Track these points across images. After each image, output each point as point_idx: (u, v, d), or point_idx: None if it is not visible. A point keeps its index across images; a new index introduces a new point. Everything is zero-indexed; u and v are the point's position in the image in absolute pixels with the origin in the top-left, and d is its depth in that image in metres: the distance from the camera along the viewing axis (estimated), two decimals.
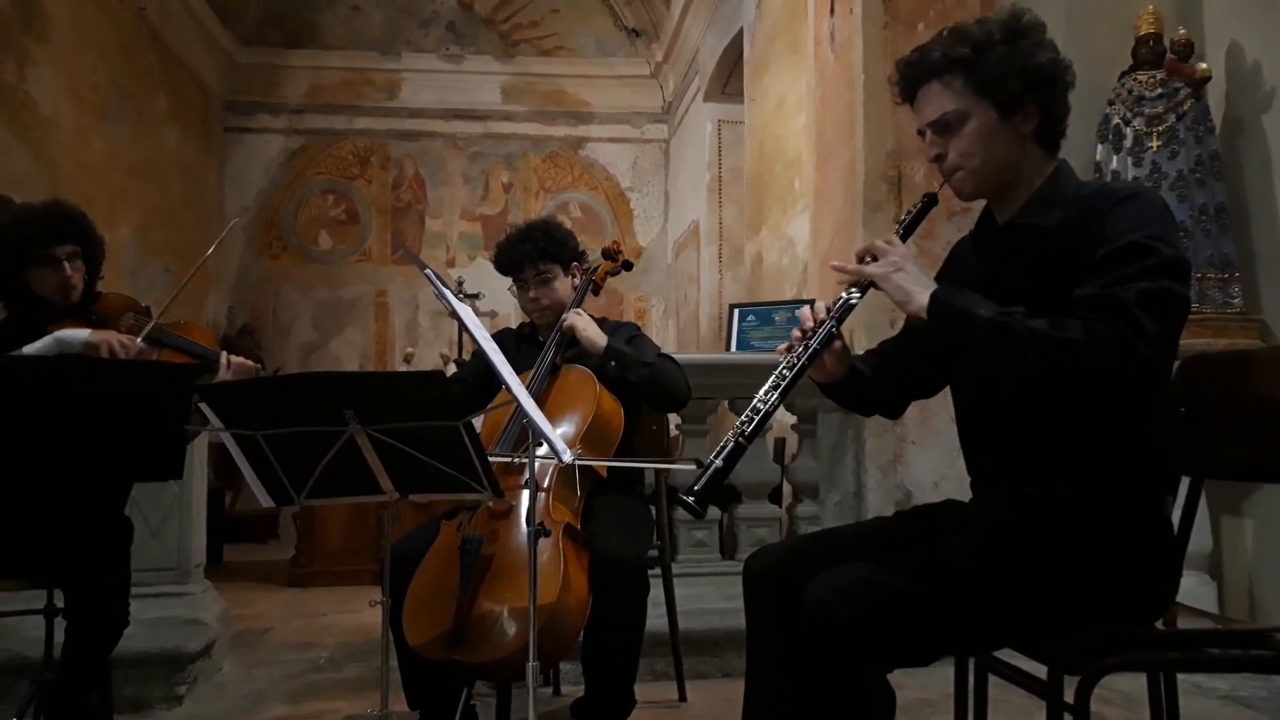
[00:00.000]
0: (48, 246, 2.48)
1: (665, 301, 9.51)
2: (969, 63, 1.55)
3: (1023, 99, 1.55)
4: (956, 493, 1.88)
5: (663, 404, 2.69)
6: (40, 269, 2.49)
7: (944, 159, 1.61)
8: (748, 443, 1.57)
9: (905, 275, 1.54)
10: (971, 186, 1.62)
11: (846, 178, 4.02)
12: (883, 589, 1.45)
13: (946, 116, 1.58)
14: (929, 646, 1.53)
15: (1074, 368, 1.37)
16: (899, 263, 1.55)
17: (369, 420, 1.80)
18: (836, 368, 1.73)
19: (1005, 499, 1.65)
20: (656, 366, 2.60)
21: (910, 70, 1.62)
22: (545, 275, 2.69)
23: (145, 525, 3.08)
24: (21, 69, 5.86)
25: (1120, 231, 1.44)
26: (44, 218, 2.51)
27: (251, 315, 9.21)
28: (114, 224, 6.78)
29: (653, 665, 3.10)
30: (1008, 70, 1.53)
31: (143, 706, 2.95)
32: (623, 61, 9.70)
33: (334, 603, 4.87)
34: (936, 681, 3.02)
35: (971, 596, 1.50)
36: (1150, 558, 1.54)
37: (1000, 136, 1.57)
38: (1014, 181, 1.61)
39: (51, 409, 1.84)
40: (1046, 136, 1.60)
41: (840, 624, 1.42)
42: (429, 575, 2.24)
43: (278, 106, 9.40)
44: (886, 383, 1.83)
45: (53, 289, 2.50)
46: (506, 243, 2.74)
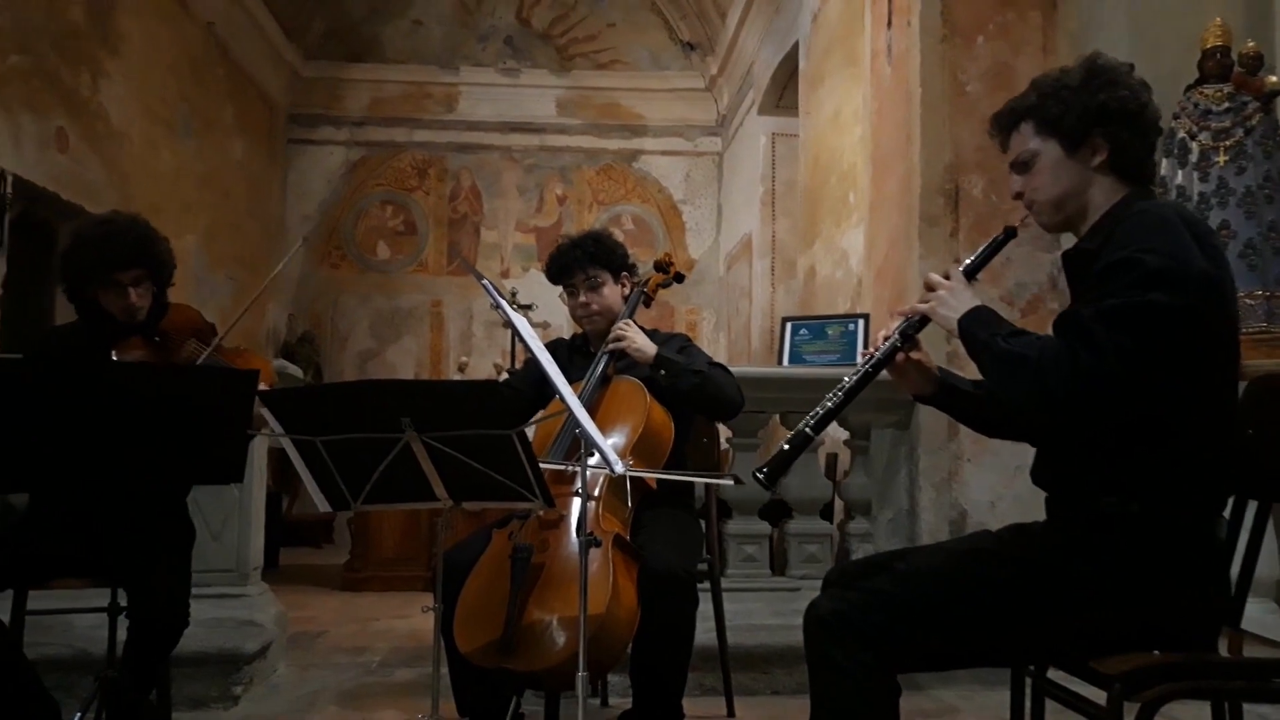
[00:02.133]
0: (112, 272, 2.47)
1: (717, 314, 9.49)
2: (1034, 108, 1.70)
3: (1087, 134, 1.65)
4: (1013, 513, 1.87)
5: (714, 412, 2.68)
6: (106, 293, 2.50)
7: (1023, 195, 1.74)
8: (814, 434, 1.74)
9: (948, 305, 1.67)
10: (1046, 217, 1.73)
11: (902, 191, 3.98)
12: (865, 592, 1.58)
13: (1021, 156, 1.72)
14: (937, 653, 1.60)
15: (1030, 382, 1.49)
16: (943, 296, 1.69)
17: (425, 428, 1.83)
18: (921, 382, 1.86)
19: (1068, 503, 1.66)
20: (707, 375, 2.59)
21: (996, 124, 1.78)
22: (595, 280, 2.71)
23: (206, 527, 3.15)
24: (95, 82, 6.06)
25: (1115, 248, 1.52)
26: (110, 241, 2.48)
27: (311, 323, 9.40)
28: (181, 233, 6.97)
29: (701, 680, 3.09)
30: (1068, 110, 1.66)
31: (200, 705, 3.01)
32: (677, 75, 9.73)
33: (387, 608, 4.93)
34: (992, 704, 2.98)
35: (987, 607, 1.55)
36: (1199, 578, 1.51)
37: (1067, 170, 1.68)
38: (1084, 211, 1.70)
39: (117, 412, 1.90)
40: (1119, 166, 1.67)
41: (813, 620, 1.59)
42: (480, 583, 2.26)
43: (340, 119, 9.60)
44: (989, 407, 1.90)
45: (118, 310, 2.52)
46: (557, 250, 2.77)
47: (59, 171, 5.62)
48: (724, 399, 2.59)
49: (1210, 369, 1.51)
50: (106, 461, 1.94)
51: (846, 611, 1.55)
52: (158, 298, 2.61)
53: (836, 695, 1.54)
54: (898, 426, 3.66)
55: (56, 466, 1.95)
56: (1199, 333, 1.47)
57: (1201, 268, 1.46)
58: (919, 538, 3.57)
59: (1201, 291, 1.45)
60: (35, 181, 5.36)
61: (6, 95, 5.15)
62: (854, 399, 1.76)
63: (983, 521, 3.43)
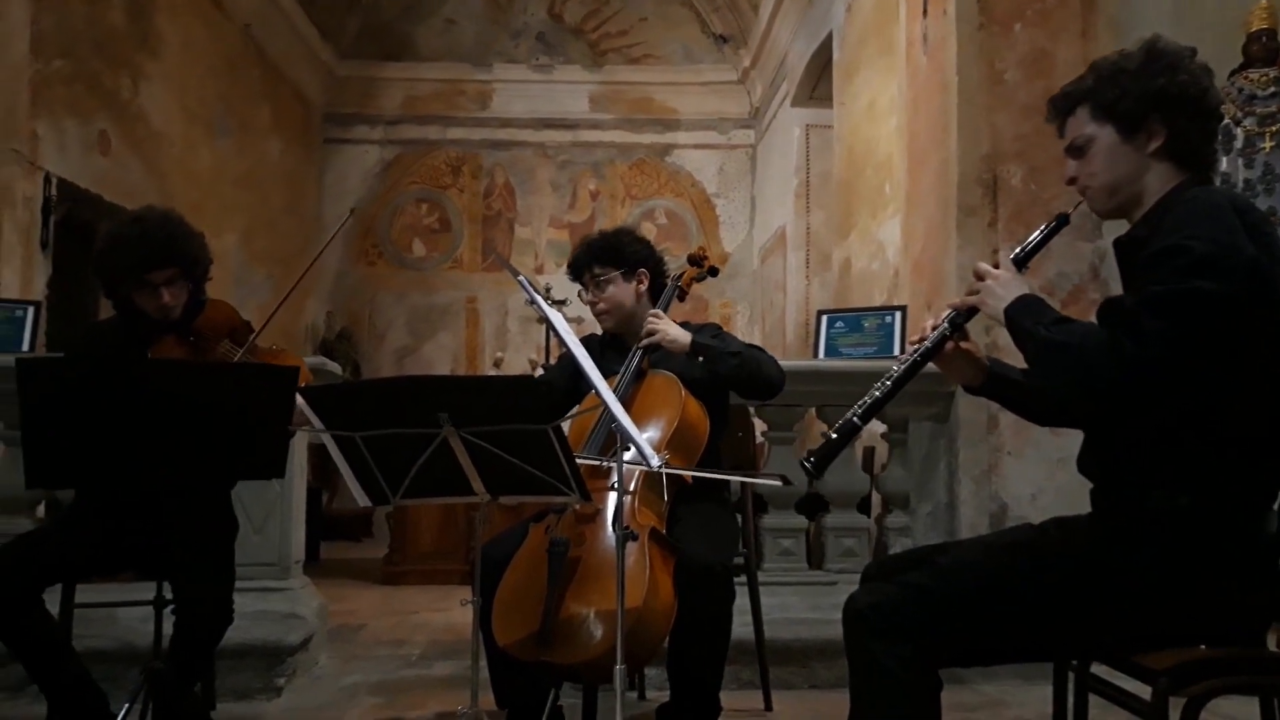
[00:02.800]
0: (144, 273, 2.46)
1: (751, 308, 9.46)
2: (1090, 92, 1.67)
3: (1144, 118, 1.63)
4: (1054, 506, 1.85)
5: (756, 391, 2.64)
6: (140, 293, 2.50)
7: (1076, 180, 1.72)
8: (862, 423, 1.75)
9: (995, 295, 1.65)
10: (1100, 202, 1.71)
11: (939, 181, 3.94)
12: (909, 589, 1.56)
13: (1076, 141, 1.70)
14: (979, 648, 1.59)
15: (1073, 369, 1.48)
16: (991, 285, 1.67)
17: (462, 423, 1.84)
18: (970, 371, 1.85)
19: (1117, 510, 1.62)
20: (745, 355, 2.58)
21: (1054, 108, 1.75)
22: (600, 279, 2.71)
23: (248, 522, 3.19)
24: (136, 84, 6.17)
25: (1163, 235, 1.50)
26: (141, 242, 2.46)
27: (348, 320, 9.50)
28: (220, 232, 7.07)
29: (738, 673, 3.09)
30: (1125, 94, 1.63)
31: (245, 696, 3.06)
32: (710, 68, 9.70)
33: (425, 601, 4.98)
34: (1033, 699, 2.95)
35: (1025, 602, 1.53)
36: (1248, 572, 1.49)
37: (1122, 155, 1.65)
38: (1138, 197, 1.68)
39: (162, 409, 1.93)
40: (1177, 153, 1.65)
41: (853, 614, 1.57)
42: (517, 577, 2.27)
43: (374, 118, 9.68)
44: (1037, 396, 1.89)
45: (152, 310, 2.52)
46: (573, 251, 2.83)
47: (101, 173, 5.72)
48: (765, 377, 2.58)
49: (1258, 358, 1.48)
50: (151, 458, 1.98)
51: (886, 605, 1.54)
52: (194, 294, 2.59)
53: (877, 690, 1.53)
54: (936, 419, 3.62)
55: (102, 463, 1.99)
56: (1245, 321, 1.43)
57: (1249, 255, 1.43)
58: (958, 531, 3.54)
59: (1248, 279, 1.42)
60: (79, 183, 5.47)
61: (50, 99, 5.25)
62: (902, 388, 1.75)
63: (1024, 515, 3.39)
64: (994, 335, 3.35)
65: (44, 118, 5.18)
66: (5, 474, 3.38)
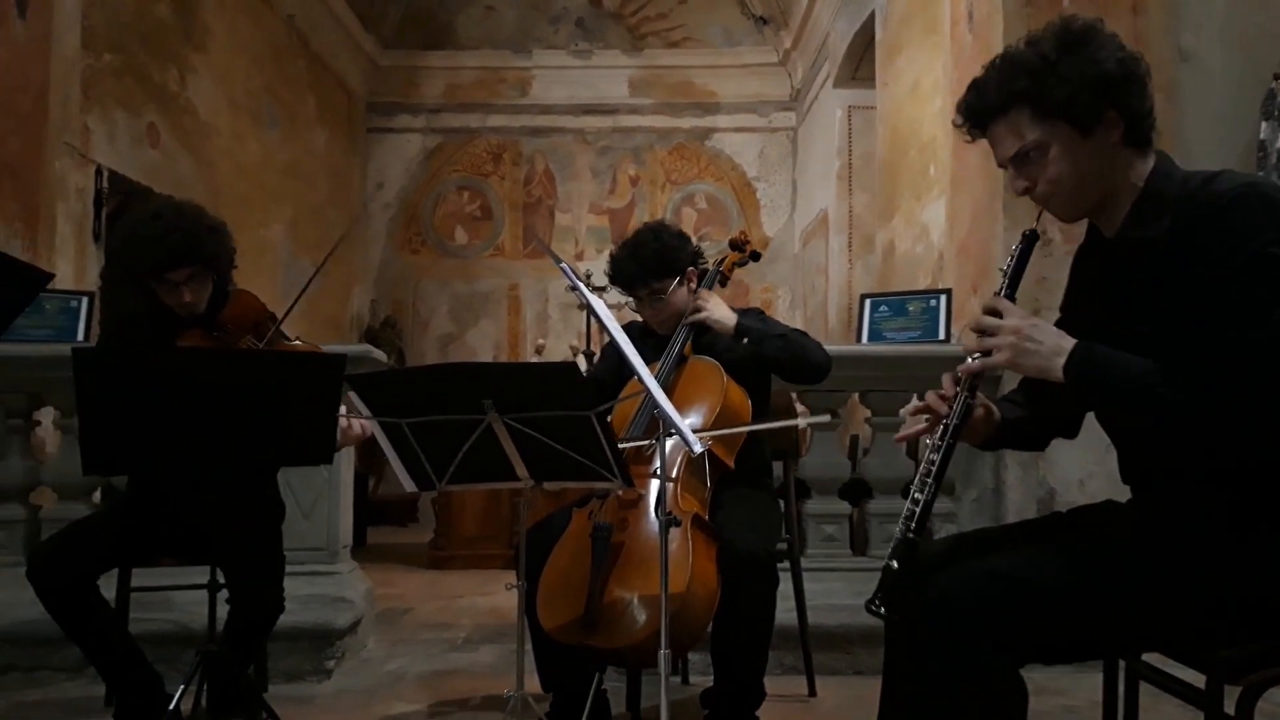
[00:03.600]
0: (163, 274, 2.45)
1: (792, 292, 9.40)
2: (1030, 94, 1.48)
3: (1099, 110, 1.47)
4: (1104, 491, 1.80)
5: (802, 374, 2.61)
6: (162, 291, 2.49)
7: (1033, 190, 1.54)
8: (916, 535, 1.52)
9: (1029, 351, 1.46)
10: (1068, 209, 1.56)
11: (986, 161, 3.84)
12: (1004, 580, 1.42)
13: (1024, 149, 1.51)
14: (1061, 644, 1.49)
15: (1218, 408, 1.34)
16: (1016, 342, 1.46)
17: (506, 409, 1.85)
18: (986, 430, 1.67)
19: (1160, 497, 1.57)
20: (790, 337, 2.57)
21: (970, 114, 1.57)
22: (658, 293, 2.64)
23: (297, 507, 3.25)
24: (183, 77, 6.26)
25: (1236, 241, 1.36)
26: (157, 243, 2.42)
27: (393, 308, 9.60)
28: (267, 222, 7.18)
29: (782, 659, 3.09)
30: (1074, 88, 1.45)
31: (296, 678, 3.12)
32: (750, 50, 9.61)
33: (470, 585, 5.03)
34: (1083, 687, 2.90)
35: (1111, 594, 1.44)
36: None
37: (1085, 153, 1.49)
38: (1112, 193, 1.54)
39: (213, 397, 1.97)
40: (1135, 137, 1.51)
41: (956, 614, 1.41)
42: (561, 561, 2.29)
43: (416, 107, 9.75)
44: (1032, 425, 1.76)
45: (176, 306, 2.52)
46: (618, 260, 2.68)
47: (151, 165, 5.83)
48: (811, 360, 2.56)
49: None
50: (203, 445, 2.02)
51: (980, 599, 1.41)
52: (218, 286, 2.57)
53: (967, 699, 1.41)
54: None
55: (155, 450, 2.04)
56: None
57: None
58: (1005, 517, 3.50)
59: None
60: (129, 175, 5.57)
61: (101, 93, 5.35)
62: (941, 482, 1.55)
63: (1073, 500, 3.33)
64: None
65: (95, 111, 5.28)
66: (63, 461, 3.48)
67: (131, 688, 2.44)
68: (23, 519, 3.47)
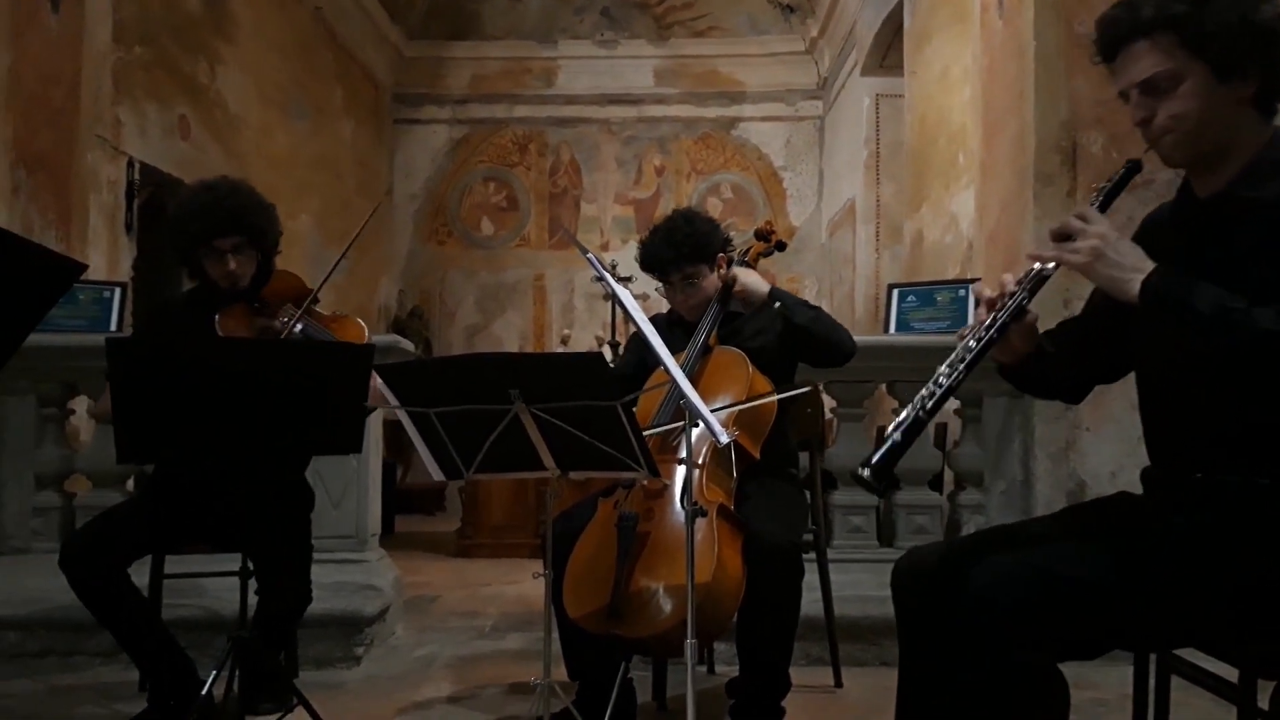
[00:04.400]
0: (210, 239, 2.53)
1: (819, 282, 9.35)
2: (1185, 20, 1.42)
3: (1243, 60, 1.42)
4: (1135, 484, 1.77)
5: (829, 352, 2.62)
6: (208, 259, 2.57)
7: (1150, 122, 1.49)
8: (928, 418, 1.50)
9: (1110, 261, 1.42)
10: (1182, 152, 1.50)
11: (1016, 150, 3.83)
12: (1042, 576, 1.40)
13: (1157, 77, 1.45)
14: (1098, 638, 1.46)
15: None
16: (1100, 247, 1.43)
17: (533, 399, 1.86)
18: (1023, 346, 1.62)
19: (1190, 489, 1.54)
20: (821, 311, 2.62)
21: (1115, 28, 1.50)
22: (691, 278, 2.65)
23: (326, 496, 3.28)
24: (213, 69, 6.32)
25: None
26: (208, 210, 2.53)
27: (420, 299, 9.66)
28: (295, 213, 7.23)
29: (807, 650, 3.08)
30: (1228, 28, 1.40)
31: (325, 664, 3.16)
32: (776, 39, 9.56)
33: (497, 574, 5.07)
34: (1112, 680, 2.88)
35: (1147, 588, 1.42)
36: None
37: (1215, 99, 1.44)
38: (1225, 149, 1.48)
39: (244, 386, 1.99)
40: (1264, 101, 1.47)
41: (1002, 611, 1.38)
42: (587, 551, 2.30)
43: (442, 98, 9.78)
44: (1069, 364, 1.71)
45: (219, 277, 2.58)
46: (650, 244, 2.69)
47: (182, 157, 5.89)
48: (838, 339, 2.59)
49: None
50: (233, 434, 2.04)
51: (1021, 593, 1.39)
52: (262, 265, 2.64)
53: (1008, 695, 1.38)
54: (1011, 395, 3.54)
55: (187, 438, 2.06)
56: None
57: None
58: (1034, 510, 3.46)
59: None
60: (160, 167, 5.64)
61: (132, 85, 5.41)
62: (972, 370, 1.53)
63: (1103, 493, 3.30)
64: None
65: (126, 104, 5.34)
66: (97, 449, 3.53)
67: (164, 674, 2.48)
68: (58, 506, 3.53)
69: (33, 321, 1.34)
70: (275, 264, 2.71)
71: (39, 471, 3.52)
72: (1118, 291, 1.42)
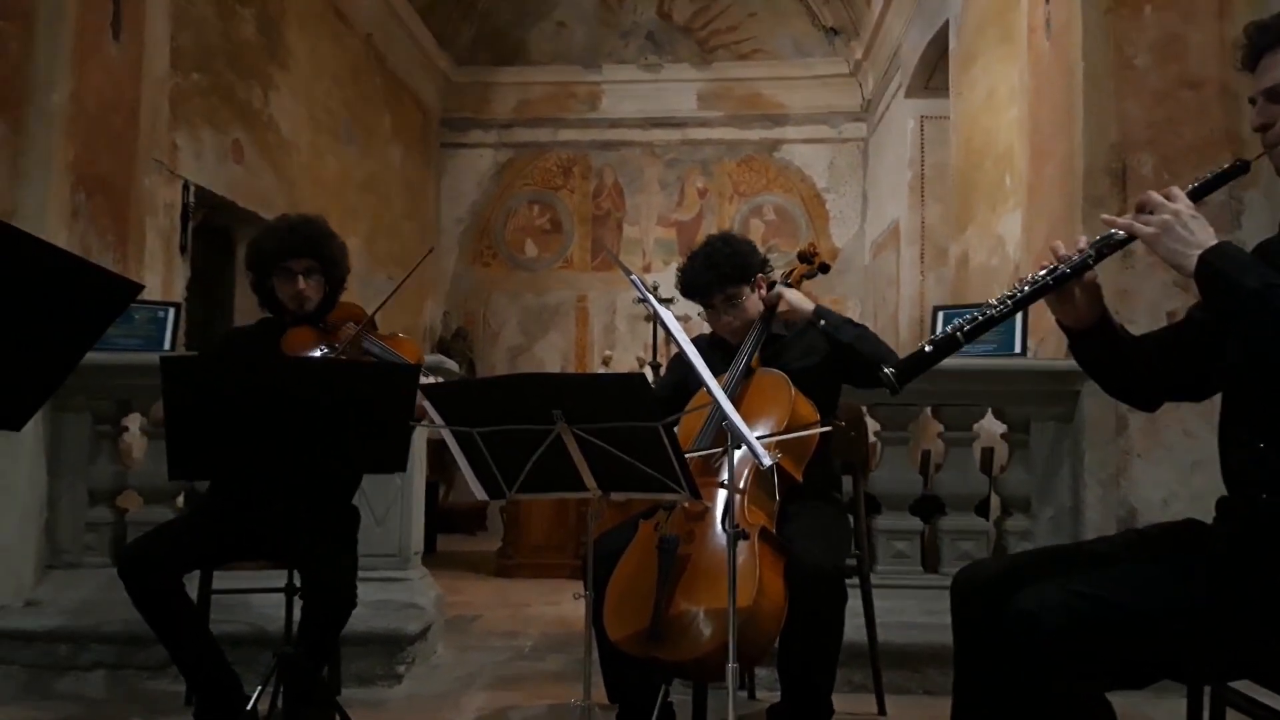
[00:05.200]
0: (284, 260, 2.72)
1: (862, 304, 9.28)
2: None
3: None
4: (1188, 511, 1.73)
5: (873, 370, 2.61)
6: (279, 279, 2.74)
7: (1269, 129, 1.49)
8: (965, 340, 1.55)
9: (1176, 235, 1.43)
10: None
11: (1064, 172, 3.78)
12: (1091, 602, 1.38)
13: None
14: (1146, 667, 1.43)
15: None
16: (1170, 222, 1.44)
17: (575, 420, 1.87)
18: (1086, 309, 1.63)
19: (1256, 513, 1.50)
20: (866, 329, 2.61)
21: (1260, 35, 1.51)
22: (733, 299, 2.66)
23: (371, 514, 3.31)
24: (266, 95, 6.47)
25: None
26: (286, 233, 2.75)
27: (464, 320, 9.76)
28: (344, 236, 7.23)
29: (850, 676, 3.04)
30: None
31: (368, 682, 3.18)
32: (820, 61, 9.56)
33: (537, 594, 5.07)
34: (1162, 713, 2.81)
35: (1194, 616, 1.39)
36: None
37: None
38: None
39: (293, 405, 2.02)
40: None
41: (1044, 637, 1.36)
42: (628, 572, 2.29)
43: (488, 122, 9.91)
44: (1150, 365, 1.68)
45: (288, 298, 2.74)
46: (690, 269, 2.69)
47: (235, 181, 6.03)
48: (884, 357, 2.54)
49: None
50: (282, 452, 2.07)
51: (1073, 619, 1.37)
52: (329, 296, 2.80)
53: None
54: (1060, 419, 3.48)
55: (238, 456, 2.10)
56: None
57: None
58: (1082, 536, 3.39)
59: None
60: (214, 190, 5.77)
61: (189, 111, 5.56)
62: (1020, 310, 1.57)
63: (1155, 520, 3.23)
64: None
65: (183, 129, 5.49)
66: (149, 465, 3.61)
67: (211, 687, 2.51)
68: (110, 521, 3.61)
69: (91, 340, 1.37)
70: (340, 299, 2.85)
71: (92, 487, 3.60)
72: (1178, 265, 1.43)
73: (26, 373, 1.31)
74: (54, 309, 1.28)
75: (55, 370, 1.36)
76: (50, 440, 3.57)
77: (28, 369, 1.31)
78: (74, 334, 1.34)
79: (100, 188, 4.10)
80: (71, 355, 1.36)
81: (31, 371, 1.32)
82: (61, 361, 1.36)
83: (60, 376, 1.38)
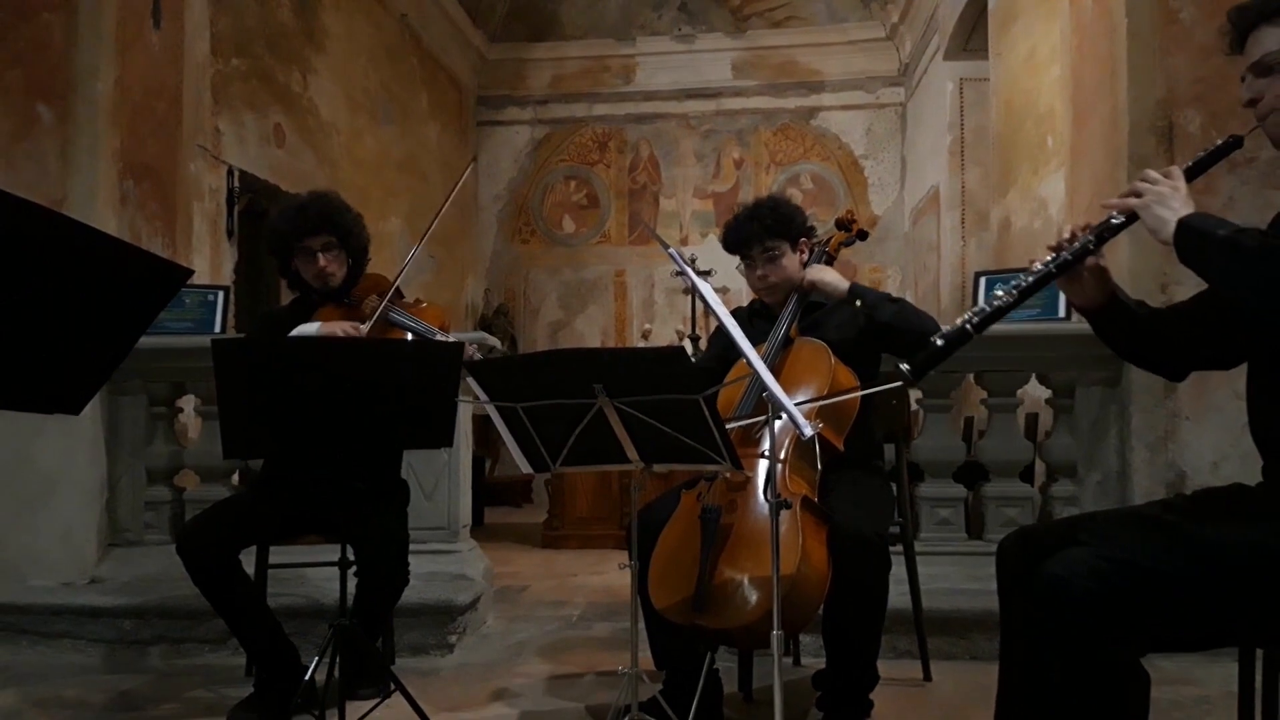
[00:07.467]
0: (302, 239, 2.75)
1: (902, 272, 9.20)
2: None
3: None
4: (1238, 474, 1.71)
5: (914, 344, 2.59)
6: (301, 260, 2.78)
7: (1259, 102, 1.53)
8: (975, 332, 1.61)
9: (1165, 204, 1.50)
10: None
11: (1108, 131, 3.71)
12: (1121, 566, 1.38)
13: (1269, 59, 1.50)
14: (1185, 632, 1.43)
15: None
16: (1162, 192, 1.51)
17: (617, 393, 1.89)
18: (1095, 291, 1.68)
19: None
20: (904, 303, 2.58)
21: (1242, 16, 1.55)
22: (773, 253, 2.64)
23: (419, 488, 3.38)
24: (305, 78, 6.53)
25: None
26: (299, 212, 2.77)
27: (505, 296, 9.83)
28: (385, 215, 7.44)
29: (895, 643, 3.05)
30: None
31: (420, 652, 3.26)
32: (855, 26, 9.42)
33: (583, 564, 5.13)
34: (1215, 678, 2.79)
35: (1233, 581, 1.38)
36: None
37: None
38: None
39: (342, 385, 2.07)
40: None
41: (1072, 601, 1.37)
42: (672, 542, 2.32)
43: (524, 99, 9.92)
44: (1173, 337, 1.72)
45: (312, 277, 2.79)
46: (734, 221, 2.71)
47: (277, 164, 6.11)
48: (925, 328, 2.52)
49: None
50: (333, 430, 2.12)
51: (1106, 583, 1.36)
52: (352, 269, 2.83)
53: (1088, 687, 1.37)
54: (1106, 384, 3.44)
55: (290, 435, 2.15)
56: None
57: None
58: (1130, 500, 3.36)
59: None
60: (258, 174, 5.86)
61: (230, 96, 5.63)
62: (1026, 299, 1.64)
63: (1205, 484, 3.18)
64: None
65: (225, 114, 5.57)
66: (204, 445, 3.70)
67: (270, 658, 2.59)
68: (168, 500, 3.72)
69: (144, 325, 1.40)
70: (365, 270, 2.88)
71: (150, 466, 3.71)
72: (1159, 231, 1.49)
73: (83, 358, 1.35)
74: (108, 296, 1.31)
75: (111, 355, 1.39)
76: (108, 423, 3.68)
77: (84, 355, 1.35)
78: (128, 319, 1.37)
79: (147, 174, 4.18)
80: (126, 340, 1.39)
81: (88, 357, 1.36)
82: (117, 346, 1.39)
83: (116, 361, 1.41)
